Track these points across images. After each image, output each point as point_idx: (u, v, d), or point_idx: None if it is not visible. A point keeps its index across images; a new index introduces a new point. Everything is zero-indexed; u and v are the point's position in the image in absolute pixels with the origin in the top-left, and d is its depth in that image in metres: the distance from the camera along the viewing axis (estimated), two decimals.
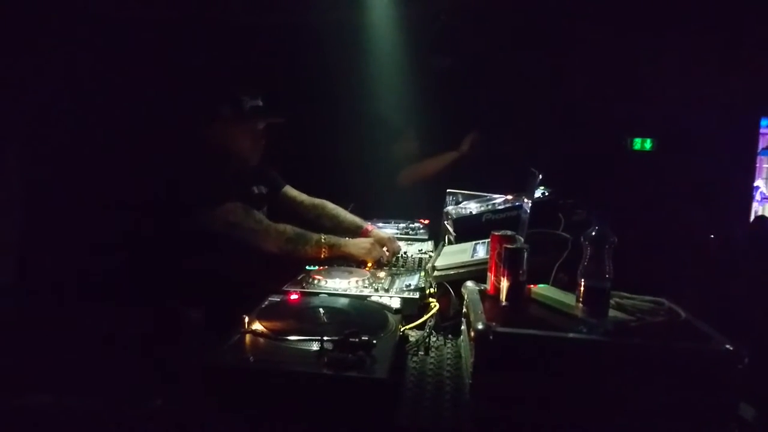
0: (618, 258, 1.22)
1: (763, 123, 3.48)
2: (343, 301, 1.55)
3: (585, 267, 1.23)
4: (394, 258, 2.19)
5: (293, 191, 2.57)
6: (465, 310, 1.46)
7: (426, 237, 2.65)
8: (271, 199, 2.43)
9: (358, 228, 2.44)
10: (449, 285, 1.65)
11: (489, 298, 1.41)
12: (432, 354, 1.46)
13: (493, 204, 2.22)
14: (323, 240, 2.05)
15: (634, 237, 1.54)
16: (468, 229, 2.05)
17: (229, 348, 1.20)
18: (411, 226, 2.79)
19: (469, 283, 1.51)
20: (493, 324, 1.17)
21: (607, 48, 3.22)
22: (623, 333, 1.18)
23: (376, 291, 1.72)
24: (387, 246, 2.21)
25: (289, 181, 2.58)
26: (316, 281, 1.78)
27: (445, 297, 1.65)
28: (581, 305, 1.23)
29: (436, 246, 2.37)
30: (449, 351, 1.49)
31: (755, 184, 3.52)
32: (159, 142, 2.44)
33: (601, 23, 3.23)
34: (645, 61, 3.20)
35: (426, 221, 2.83)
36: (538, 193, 2.02)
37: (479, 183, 2.49)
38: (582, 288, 1.23)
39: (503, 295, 1.37)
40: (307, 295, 1.65)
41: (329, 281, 1.78)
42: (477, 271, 1.59)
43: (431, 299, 1.69)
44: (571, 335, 1.16)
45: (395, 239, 2.35)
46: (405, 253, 2.30)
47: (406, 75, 3.29)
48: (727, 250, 3.05)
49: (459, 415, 1.16)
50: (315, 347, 1.17)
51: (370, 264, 2.07)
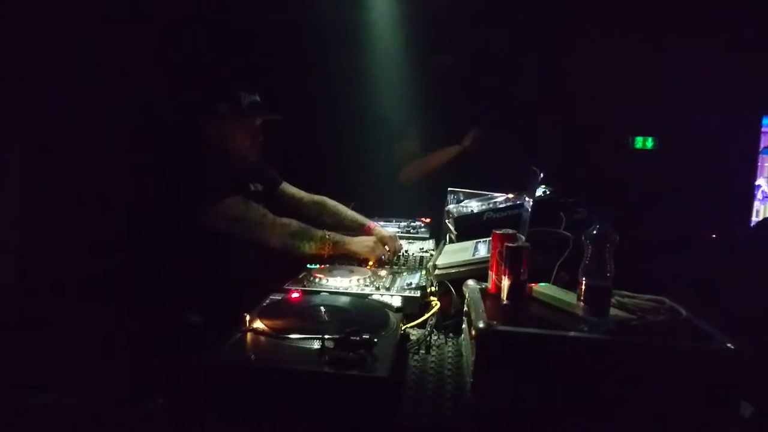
0: (619, 257, 1.22)
1: (765, 121, 3.47)
2: (344, 300, 1.56)
3: (586, 266, 1.22)
4: (395, 256, 2.19)
5: (291, 188, 2.53)
6: (466, 308, 1.46)
7: (427, 235, 2.64)
8: (269, 197, 2.39)
9: (359, 225, 2.42)
10: (450, 283, 1.65)
11: (490, 296, 1.41)
12: (433, 352, 1.46)
13: (495, 202, 2.22)
14: (328, 236, 2.03)
15: (635, 236, 1.53)
16: (469, 228, 2.05)
17: (231, 346, 1.20)
18: (412, 224, 2.79)
19: (471, 282, 1.51)
20: (495, 322, 1.17)
21: (608, 47, 3.22)
22: (624, 332, 1.18)
23: (377, 289, 1.72)
24: (389, 244, 2.21)
25: (290, 181, 2.56)
26: (317, 279, 1.78)
27: (447, 295, 1.66)
28: (582, 304, 1.23)
29: (437, 244, 2.37)
30: (450, 349, 1.49)
31: (757, 182, 3.50)
32: (158, 141, 2.44)
33: (601, 23, 3.23)
34: (646, 60, 3.20)
35: (427, 220, 2.83)
36: (539, 192, 2.01)
37: (480, 181, 2.48)
38: (583, 287, 1.23)
39: (504, 294, 1.37)
40: (308, 294, 1.65)
41: (330, 279, 1.78)
42: (478, 270, 1.59)
43: (432, 298, 1.69)
44: (573, 334, 1.16)
45: (397, 237, 2.34)
46: (406, 252, 2.30)
47: (406, 74, 3.28)
48: (728, 248, 3.04)
49: (460, 414, 1.16)
50: (316, 346, 1.17)
51: (371, 262, 2.07)
